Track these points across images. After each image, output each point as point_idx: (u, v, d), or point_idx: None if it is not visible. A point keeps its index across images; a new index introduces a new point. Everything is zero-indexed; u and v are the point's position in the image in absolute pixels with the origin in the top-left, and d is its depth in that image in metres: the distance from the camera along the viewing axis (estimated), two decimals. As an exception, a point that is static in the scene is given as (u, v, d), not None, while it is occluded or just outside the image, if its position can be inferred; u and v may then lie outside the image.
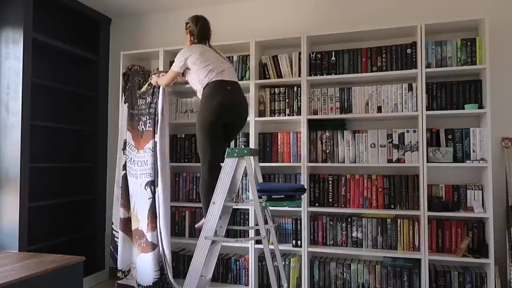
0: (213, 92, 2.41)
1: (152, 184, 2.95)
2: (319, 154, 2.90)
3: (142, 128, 3.04)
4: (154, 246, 2.90)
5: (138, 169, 2.97)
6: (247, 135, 3.03)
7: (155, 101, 3.02)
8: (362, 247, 2.79)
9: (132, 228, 3.02)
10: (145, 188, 2.93)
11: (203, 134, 2.42)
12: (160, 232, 2.90)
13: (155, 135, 2.97)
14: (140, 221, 2.95)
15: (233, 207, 2.76)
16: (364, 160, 2.80)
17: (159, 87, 3.00)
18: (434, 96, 2.72)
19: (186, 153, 3.19)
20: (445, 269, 2.64)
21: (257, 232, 2.91)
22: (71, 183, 3.59)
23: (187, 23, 2.66)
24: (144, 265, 2.92)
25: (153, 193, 2.94)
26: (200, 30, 2.62)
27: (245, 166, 2.20)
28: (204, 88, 2.47)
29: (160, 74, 2.92)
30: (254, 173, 2.44)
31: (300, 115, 2.92)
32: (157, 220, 2.91)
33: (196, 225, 2.75)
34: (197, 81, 2.52)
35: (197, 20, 2.63)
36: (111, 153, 3.71)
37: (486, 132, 2.56)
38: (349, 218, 2.82)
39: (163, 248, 2.89)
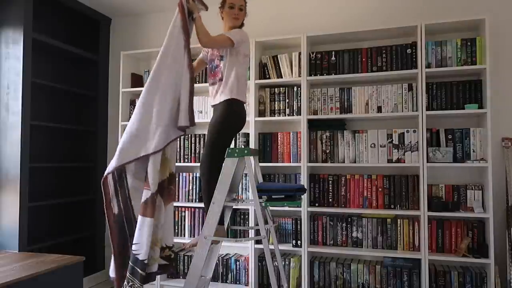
0: (242, 112, 2.28)
1: None
2: (319, 154, 2.90)
3: None
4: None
5: None
6: (247, 135, 3.03)
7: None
8: (362, 247, 2.79)
9: (162, 179, 2.07)
10: None
11: (221, 138, 2.30)
12: None
13: None
14: (172, 161, 2.14)
15: (233, 207, 2.75)
16: (364, 160, 2.80)
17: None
18: (434, 96, 2.72)
19: (186, 153, 3.19)
20: (445, 269, 2.64)
21: (257, 232, 2.91)
22: (71, 183, 3.59)
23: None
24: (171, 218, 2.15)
25: None
26: None
27: (245, 166, 2.20)
28: (233, 99, 2.22)
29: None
30: (254, 173, 2.43)
31: (300, 115, 2.92)
32: None
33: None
34: (229, 79, 2.20)
35: None
36: (111, 153, 3.71)
37: (486, 132, 2.55)
38: (349, 218, 2.82)
39: None
